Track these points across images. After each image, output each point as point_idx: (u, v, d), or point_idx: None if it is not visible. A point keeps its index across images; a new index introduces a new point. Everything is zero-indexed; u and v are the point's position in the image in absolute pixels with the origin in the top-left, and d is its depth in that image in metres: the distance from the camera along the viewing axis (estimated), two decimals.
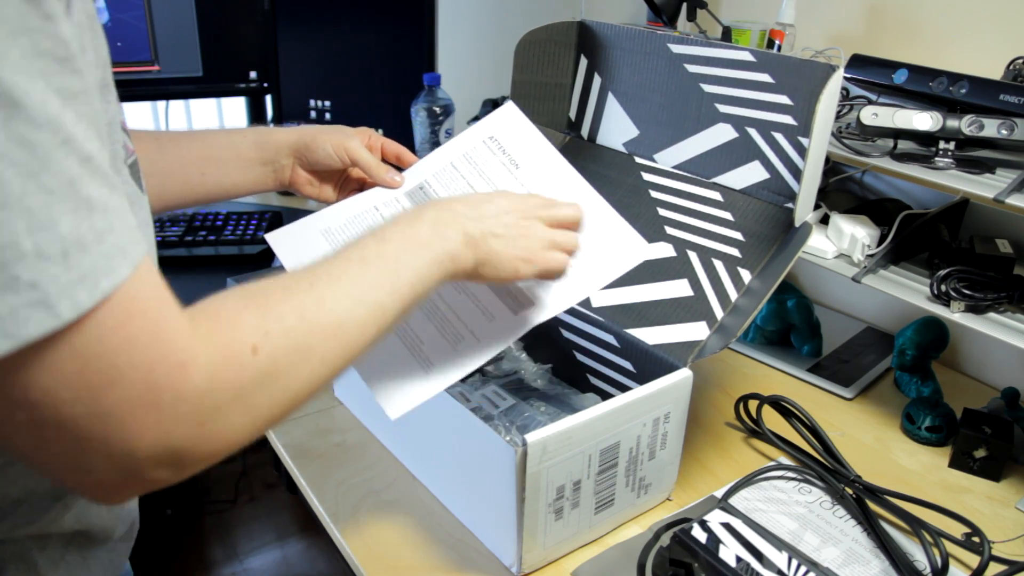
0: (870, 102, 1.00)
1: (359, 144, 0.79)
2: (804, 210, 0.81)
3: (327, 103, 1.58)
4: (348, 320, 0.51)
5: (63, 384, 0.37)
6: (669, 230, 0.90)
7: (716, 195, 0.90)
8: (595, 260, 0.73)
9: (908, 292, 0.87)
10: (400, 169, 0.81)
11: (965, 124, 0.85)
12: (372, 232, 0.58)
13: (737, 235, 0.86)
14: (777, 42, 1.17)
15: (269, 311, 0.46)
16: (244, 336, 0.44)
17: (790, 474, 0.85)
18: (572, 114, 1.04)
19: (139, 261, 0.39)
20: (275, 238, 0.78)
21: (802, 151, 0.82)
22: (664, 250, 0.89)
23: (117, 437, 0.39)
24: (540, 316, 0.70)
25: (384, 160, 0.81)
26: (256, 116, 1.68)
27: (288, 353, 0.46)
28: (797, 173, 0.83)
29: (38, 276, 0.35)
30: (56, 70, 0.37)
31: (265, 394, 0.45)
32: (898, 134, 0.88)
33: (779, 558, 0.73)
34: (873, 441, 0.94)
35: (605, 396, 0.87)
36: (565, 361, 0.92)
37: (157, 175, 0.73)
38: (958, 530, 0.75)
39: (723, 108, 0.88)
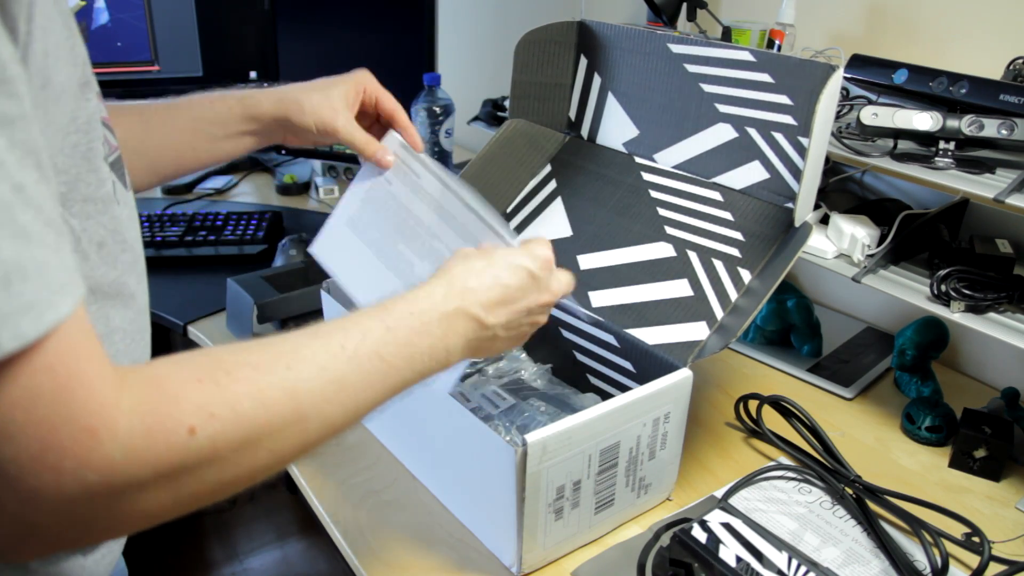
0: (870, 102, 1.00)
1: (345, 124, 0.76)
2: (804, 210, 0.81)
3: None
4: (314, 416, 0.45)
5: None
6: (669, 230, 0.90)
7: (716, 195, 0.90)
8: None
9: (908, 292, 0.87)
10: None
11: (965, 124, 0.85)
12: (379, 320, 0.52)
13: (737, 235, 0.86)
14: (777, 42, 1.16)
15: (224, 391, 0.41)
16: (181, 414, 0.39)
17: (790, 474, 0.85)
18: (572, 114, 1.04)
19: (76, 304, 0.36)
20: (319, 252, 0.80)
21: (802, 151, 0.82)
22: (664, 250, 0.89)
23: (9, 496, 0.35)
24: None
25: (377, 119, 0.79)
26: None
27: (233, 442, 0.41)
28: (797, 173, 0.83)
29: None
30: None
31: (195, 479, 0.40)
32: (898, 134, 0.88)
33: (779, 558, 0.73)
34: (873, 441, 0.94)
35: (605, 396, 0.87)
36: (565, 361, 0.92)
37: (148, 154, 0.73)
38: (958, 530, 0.75)
39: (723, 108, 0.88)
